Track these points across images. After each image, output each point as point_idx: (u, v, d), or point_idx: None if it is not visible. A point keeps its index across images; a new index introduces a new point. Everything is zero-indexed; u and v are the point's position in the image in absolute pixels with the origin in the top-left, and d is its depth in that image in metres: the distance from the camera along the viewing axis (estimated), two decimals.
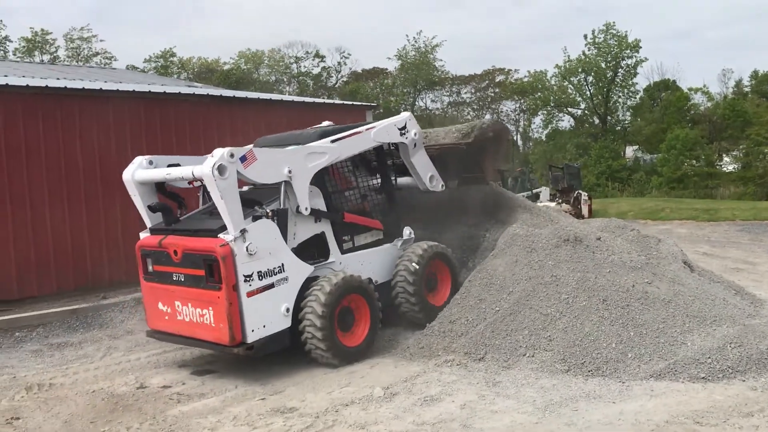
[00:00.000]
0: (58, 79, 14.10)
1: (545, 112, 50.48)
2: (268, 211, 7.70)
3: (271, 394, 7.06)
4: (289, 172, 7.84)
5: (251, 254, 7.30)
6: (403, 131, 9.40)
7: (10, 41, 48.36)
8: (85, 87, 12.91)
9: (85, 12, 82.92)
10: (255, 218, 7.56)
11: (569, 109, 49.78)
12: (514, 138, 58.41)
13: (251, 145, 7.64)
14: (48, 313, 10.67)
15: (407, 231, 9.26)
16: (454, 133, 10.23)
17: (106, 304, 11.20)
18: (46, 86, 12.30)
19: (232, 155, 7.22)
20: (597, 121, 48.46)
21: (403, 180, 9.97)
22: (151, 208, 8.22)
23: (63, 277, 11.96)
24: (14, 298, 11.33)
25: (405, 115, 9.58)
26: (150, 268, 8.14)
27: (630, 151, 48.88)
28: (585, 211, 23.81)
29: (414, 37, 55.33)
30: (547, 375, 6.90)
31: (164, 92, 13.75)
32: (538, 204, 13.87)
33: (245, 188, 8.70)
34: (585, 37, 46.00)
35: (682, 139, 38.56)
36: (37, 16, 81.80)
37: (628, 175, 41.47)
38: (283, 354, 7.78)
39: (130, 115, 12.75)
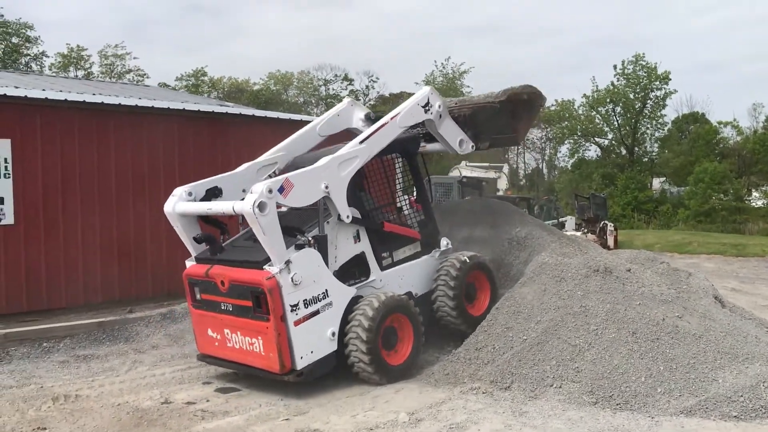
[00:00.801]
0: (93, 94, 14.35)
1: (572, 141, 50.32)
2: (309, 238, 7.77)
3: (295, 414, 7.04)
4: (326, 187, 7.89)
5: (296, 284, 7.42)
6: (426, 108, 9.30)
7: (47, 56, 49.47)
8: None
9: (120, 29, 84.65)
10: (298, 247, 7.64)
11: (596, 139, 49.58)
12: (540, 166, 58.22)
13: (285, 175, 7.71)
14: (75, 324, 10.77)
15: (444, 242, 9.32)
16: (487, 96, 10.08)
17: (133, 318, 11.28)
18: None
19: (270, 190, 7.28)
20: (624, 151, 48.20)
21: (432, 146, 10.11)
22: (197, 240, 8.41)
23: (91, 289, 12.07)
24: (43, 309, 11.47)
25: (425, 91, 9.43)
26: (198, 296, 8.31)
27: (657, 182, 48.49)
28: (611, 241, 23.60)
29: (442, 63, 55.72)
30: (575, 407, 6.81)
31: (199, 110, 13.97)
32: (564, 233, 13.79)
33: (282, 208, 8.75)
34: (614, 67, 46.00)
35: (711, 172, 38.19)
36: (74, 32, 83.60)
37: (654, 207, 41.12)
38: None
39: (164, 130, 12.96)
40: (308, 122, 10.89)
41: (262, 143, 10.24)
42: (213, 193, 8.64)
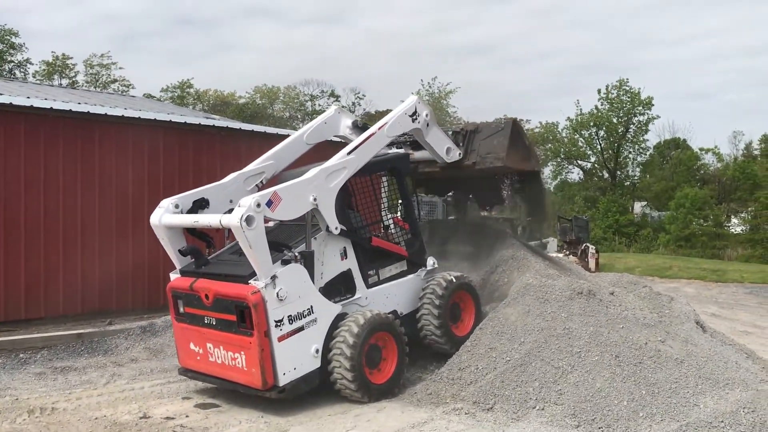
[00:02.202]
0: (79, 103, 14.23)
1: (555, 163, 50.72)
2: (296, 254, 7.70)
3: None
4: (314, 199, 7.87)
5: (281, 299, 7.39)
6: (414, 117, 9.29)
7: (31, 63, 49.11)
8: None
9: (108, 41, 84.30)
10: (284, 262, 7.60)
11: (579, 162, 50.02)
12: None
13: (273, 188, 7.68)
14: (53, 335, 10.61)
15: (431, 261, 9.30)
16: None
17: (112, 330, 11.13)
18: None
19: (258, 204, 7.26)
20: (606, 175, 48.65)
21: (420, 154, 10.12)
22: (182, 252, 8.34)
23: (70, 300, 11.91)
24: (21, 319, 11.28)
25: (413, 100, 9.39)
26: (181, 309, 8.22)
27: (638, 206, 48.96)
28: (592, 264, 23.71)
29: (429, 83, 55.97)
30: (557, 429, 6.80)
31: (185, 122, 13.92)
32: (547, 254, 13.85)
33: (270, 223, 8.69)
34: (598, 91, 46.53)
35: (692, 197, 38.63)
36: (60, 42, 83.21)
37: (635, 231, 41.43)
38: None
39: (150, 141, 12.89)
40: (286, 135, 10.96)
41: (249, 157, 10.20)
42: (200, 205, 8.54)
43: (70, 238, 11.93)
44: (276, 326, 7.35)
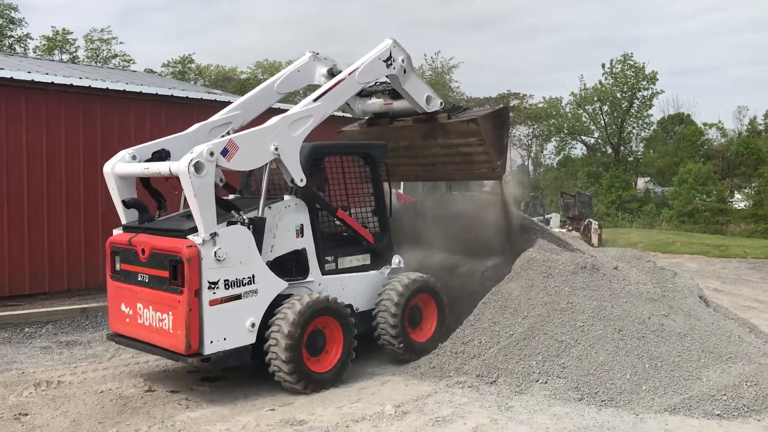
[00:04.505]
0: (80, 78, 14.16)
1: (558, 138, 50.57)
2: (245, 218, 7.24)
3: (281, 405, 7.01)
4: (276, 149, 7.39)
5: (219, 260, 6.88)
6: (389, 62, 8.70)
7: (31, 38, 48.82)
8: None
9: (108, 15, 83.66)
10: (230, 224, 7.18)
11: (582, 137, 49.85)
12: (526, 163, 58.38)
13: (229, 136, 7.17)
14: (58, 310, 10.67)
15: (396, 259, 8.66)
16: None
17: None
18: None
19: (211, 153, 6.83)
20: (610, 150, 48.51)
21: (399, 104, 9.55)
22: (125, 204, 7.81)
23: (75, 275, 11.96)
24: (25, 294, 11.34)
25: (387, 44, 8.78)
26: (117, 266, 7.72)
27: (641, 182, 48.88)
28: (595, 240, 23.74)
29: (432, 57, 55.59)
30: (560, 402, 6.84)
31: (187, 97, 13.87)
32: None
33: (232, 197, 8.51)
34: (602, 66, 46.30)
35: (695, 173, 38.56)
36: (61, 17, 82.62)
37: (638, 206, 41.42)
38: None
39: (152, 116, 12.85)
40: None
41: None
42: (160, 156, 7.90)
43: (73, 214, 11.94)
44: (209, 288, 6.83)
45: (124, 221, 7.95)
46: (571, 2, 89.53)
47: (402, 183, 25.42)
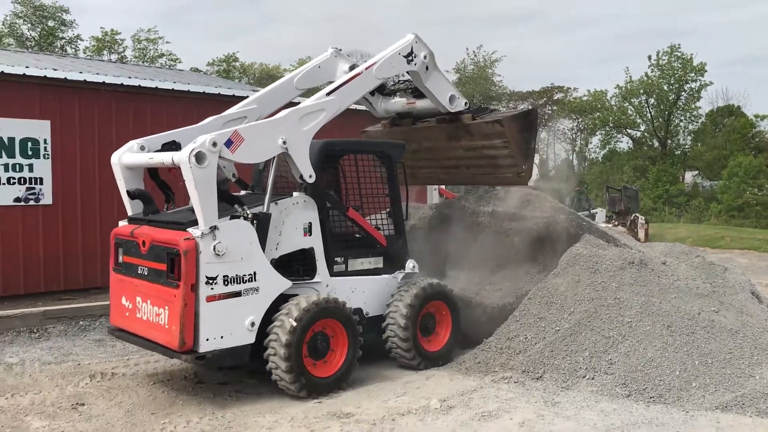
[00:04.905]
0: (129, 77, 14.51)
1: (603, 132, 49.76)
2: (248, 212, 7.02)
3: (327, 398, 7.10)
4: (284, 142, 7.15)
5: (219, 254, 6.62)
6: (410, 58, 8.39)
7: (82, 40, 50.02)
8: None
9: (155, 15, 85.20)
10: (233, 218, 6.98)
11: (628, 131, 48.98)
12: (570, 157, 57.64)
13: (234, 127, 6.96)
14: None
15: (411, 264, 8.28)
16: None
17: None
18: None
19: (214, 144, 6.61)
20: (656, 144, 47.55)
21: (422, 103, 9.32)
22: (129, 194, 7.66)
23: None
24: (79, 288, 11.69)
25: (409, 39, 8.47)
26: (120, 258, 7.57)
27: (689, 176, 47.82)
28: (641, 234, 23.30)
29: (474, 51, 55.24)
30: (607, 399, 6.78)
31: (233, 95, 14.06)
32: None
33: (244, 192, 8.37)
34: (649, 58, 45.27)
35: (745, 166, 37.52)
36: (109, 18, 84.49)
37: (686, 201, 40.54)
38: None
39: (199, 114, 13.04)
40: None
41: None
42: (170, 147, 7.63)
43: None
44: (207, 283, 6.58)
45: (129, 213, 7.83)
46: None
47: None
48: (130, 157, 7.63)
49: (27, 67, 12.25)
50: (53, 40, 46.96)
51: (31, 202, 11.41)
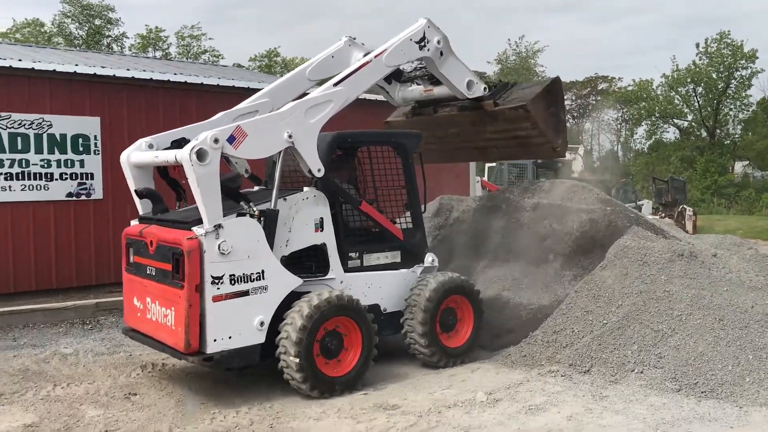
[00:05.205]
0: (175, 74, 14.76)
1: (649, 122, 48.84)
2: (255, 210, 6.83)
3: (373, 390, 7.15)
4: (290, 136, 6.94)
5: (224, 253, 6.48)
6: (422, 44, 8.13)
7: (127, 37, 51.01)
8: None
9: (196, 11, 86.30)
10: (239, 215, 6.82)
11: (675, 120, 47.97)
12: (615, 148, 56.71)
13: (237, 123, 6.79)
14: None
15: (430, 258, 8.09)
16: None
17: None
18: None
19: (216, 140, 6.44)
20: (704, 133, 46.49)
21: (440, 90, 9.07)
22: (138, 193, 7.57)
23: None
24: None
25: (421, 24, 8.24)
26: (131, 258, 7.51)
27: (739, 166, 46.63)
28: (689, 226, 22.88)
29: (516, 42, 54.74)
30: (657, 393, 6.68)
31: None
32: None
33: (257, 188, 8.19)
34: (696, 45, 44.46)
35: None
36: (152, 14, 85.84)
37: (736, 192, 39.57)
38: (380, 350, 7.56)
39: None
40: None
41: (339, 122, 10.27)
42: (179, 144, 7.36)
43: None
44: (212, 283, 6.45)
45: (140, 212, 7.77)
46: None
47: (486, 168, 25.23)
48: (137, 155, 7.55)
49: (77, 65, 12.54)
50: (100, 38, 48.01)
51: (83, 197, 11.72)
